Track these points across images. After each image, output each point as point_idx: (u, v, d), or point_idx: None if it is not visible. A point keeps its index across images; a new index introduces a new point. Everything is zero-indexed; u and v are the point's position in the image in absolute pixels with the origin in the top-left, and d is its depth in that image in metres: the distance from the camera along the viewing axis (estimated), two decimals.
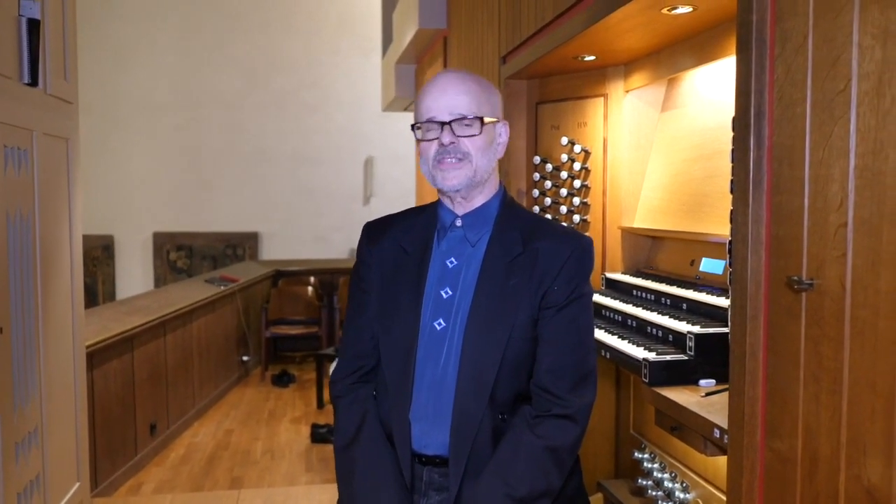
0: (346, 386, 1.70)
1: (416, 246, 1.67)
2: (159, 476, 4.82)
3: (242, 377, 7.37)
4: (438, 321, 1.61)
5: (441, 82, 1.63)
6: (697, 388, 1.93)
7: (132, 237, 10.46)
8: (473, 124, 1.59)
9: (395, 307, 1.64)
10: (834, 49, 1.22)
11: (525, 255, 1.59)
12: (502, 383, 1.57)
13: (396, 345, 1.62)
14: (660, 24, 2.25)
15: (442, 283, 1.63)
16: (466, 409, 1.56)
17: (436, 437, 1.59)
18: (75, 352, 3.43)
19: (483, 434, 1.56)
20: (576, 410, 1.55)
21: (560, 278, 1.57)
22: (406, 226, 1.71)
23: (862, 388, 1.17)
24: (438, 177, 1.61)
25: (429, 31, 4.66)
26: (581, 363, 1.58)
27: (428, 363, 1.60)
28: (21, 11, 2.82)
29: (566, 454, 1.56)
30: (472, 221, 1.65)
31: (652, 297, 2.53)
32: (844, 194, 1.20)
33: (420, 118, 1.62)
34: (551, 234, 1.63)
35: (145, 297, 6.25)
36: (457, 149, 1.59)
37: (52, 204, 3.14)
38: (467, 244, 1.65)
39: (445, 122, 1.58)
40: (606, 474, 3.19)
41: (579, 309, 1.59)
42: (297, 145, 10.37)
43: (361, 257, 1.73)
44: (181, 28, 10.14)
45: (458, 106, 1.58)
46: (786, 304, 1.35)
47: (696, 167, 2.53)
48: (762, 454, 1.43)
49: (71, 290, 3.37)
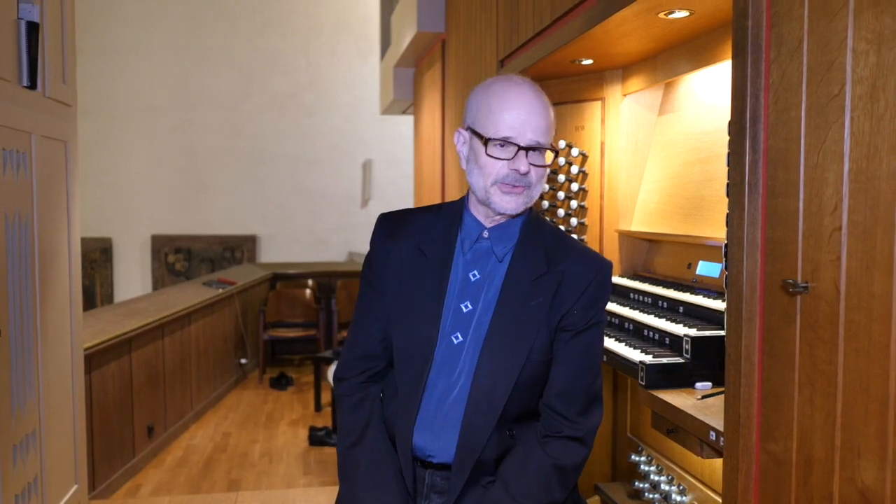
0: (353, 385, 1.68)
1: (437, 252, 1.62)
2: (157, 478, 4.82)
3: (240, 380, 7.36)
4: (456, 335, 1.59)
5: (527, 100, 1.55)
6: (694, 390, 1.94)
7: (130, 240, 10.46)
8: (545, 155, 1.56)
9: (415, 314, 1.60)
10: (829, 54, 1.23)
11: (549, 276, 1.57)
12: (514, 401, 1.57)
13: (413, 354, 1.60)
14: (657, 29, 2.26)
15: (463, 296, 1.60)
16: (476, 424, 1.56)
17: (441, 447, 1.60)
18: (73, 354, 3.43)
19: (489, 448, 1.57)
20: (585, 433, 1.56)
21: (581, 303, 1.56)
22: (425, 225, 1.65)
23: (856, 392, 1.18)
24: (497, 199, 1.55)
25: (427, 34, 4.67)
26: (591, 386, 1.58)
27: (441, 375, 1.59)
28: (20, 14, 2.82)
29: (572, 473, 1.58)
30: (500, 235, 1.61)
31: (649, 301, 2.54)
32: (839, 198, 1.20)
33: (496, 131, 1.53)
34: (576, 257, 1.60)
35: (143, 300, 6.25)
36: (527, 179, 1.54)
37: (51, 207, 3.15)
38: (493, 258, 1.61)
39: (523, 146, 1.52)
40: (604, 477, 3.19)
41: (595, 334, 1.59)
42: (295, 148, 10.38)
43: (376, 251, 1.67)
44: (179, 30, 10.15)
45: (538, 132, 1.53)
46: (781, 307, 1.36)
47: (693, 171, 2.54)
48: (758, 456, 1.44)
49: (69, 292, 3.38)
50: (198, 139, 10.30)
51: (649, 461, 2.75)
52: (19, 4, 2.83)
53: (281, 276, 8.46)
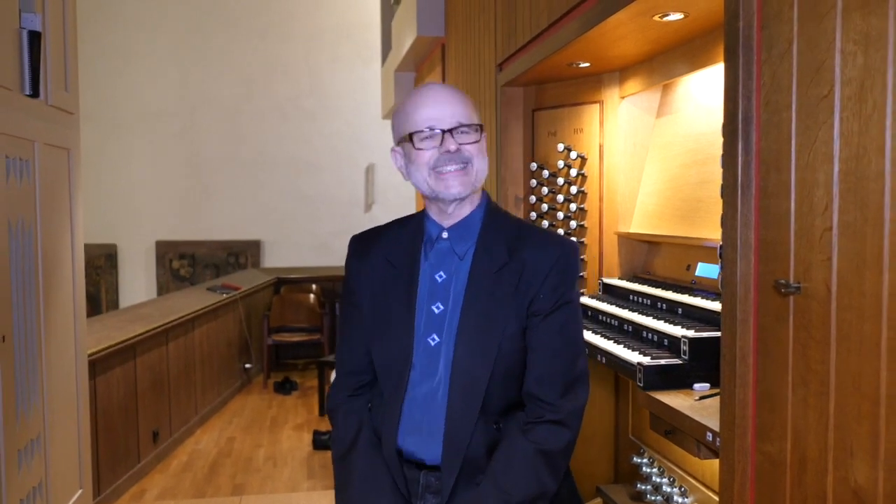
0: (341, 398, 1.73)
1: (404, 260, 1.67)
2: (162, 483, 4.83)
3: (245, 384, 7.38)
4: (432, 336, 1.62)
5: (435, 93, 1.64)
6: (692, 391, 1.94)
7: (135, 246, 10.49)
8: (472, 132, 1.61)
9: (389, 323, 1.64)
10: (818, 55, 1.24)
11: (511, 265, 1.60)
12: (494, 394, 1.58)
13: (391, 361, 1.63)
14: (652, 31, 2.27)
15: (433, 298, 1.64)
16: (458, 421, 1.57)
17: (430, 448, 1.61)
18: (77, 360, 3.45)
19: (476, 443, 1.58)
20: (566, 415, 1.57)
21: (545, 286, 1.58)
22: (392, 238, 1.72)
23: (848, 391, 1.18)
24: (440, 186, 1.60)
25: (427, 38, 4.69)
26: (570, 368, 1.59)
27: (424, 378, 1.62)
28: (22, 24, 2.85)
29: (559, 458, 1.58)
30: (459, 233, 1.65)
31: (648, 302, 2.54)
32: (829, 198, 1.21)
33: (416, 125, 1.61)
34: (536, 242, 1.63)
35: (147, 306, 6.27)
36: (460, 155, 1.59)
37: (54, 213, 3.17)
38: (455, 257, 1.65)
39: (446, 129, 1.59)
40: (606, 479, 3.20)
41: (566, 315, 1.60)
42: (298, 153, 10.40)
43: (350, 272, 1.74)
44: (181, 36, 10.18)
45: (457, 113, 1.60)
46: (774, 307, 1.36)
47: (691, 172, 2.54)
48: (753, 457, 1.44)
49: (73, 298, 3.40)
50: (200, 144, 10.34)
51: (651, 463, 2.76)
52: (21, 14, 2.86)
53: (285, 280, 8.48)
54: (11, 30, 2.75)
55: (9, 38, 2.73)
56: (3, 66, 2.66)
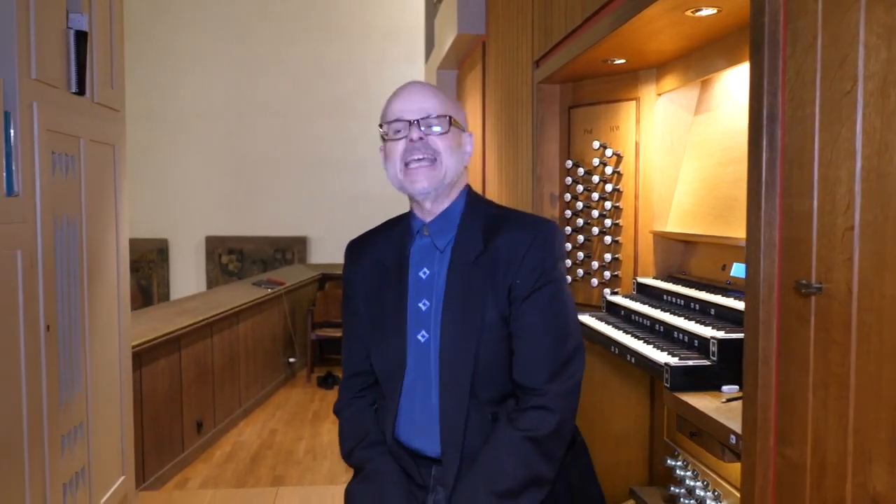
0: (347, 399, 1.76)
1: (394, 260, 1.68)
2: (205, 473, 4.94)
3: (289, 378, 7.49)
4: (422, 333, 1.63)
5: (408, 87, 1.66)
6: (720, 393, 1.91)
7: (186, 241, 10.72)
8: (442, 123, 1.60)
9: (383, 324, 1.66)
10: (841, 49, 1.20)
11: (487, 253, 1.59)
12: (483, 384, 1.58)
13: (387, 361, 1.65)
14: (686, 26, 2.23)
15: (419, 295, 1.64)
16: (450, 415, 1.58)
17: (433, 443, 1.63)
18: (121, 351, 3.54)
19: (473, 434, 1.58)
20: (552, 399, 1.54)
21: (523, 269, 1.56)
22: (383, 239, 1.73)
23: (867, 395, 1.15)
24: (407, 181, 1.60)
25: (468, 36, 4.69)
26: (558, 350, 1.56)
27: (419, 375, 1.63)
28: (69, 24, 2.94)
29: (549, 442, 1.54)
30: (439, 227, 1.65)
31: (682, 303, 2.50)
32: (851, 197, 1.18)
33: (387, 119, 1.63)
34: (512, 226, 1.61)
35: (194, 299, 6.41)
36: (426, 145, 1.59)
37: (99, 208, 3.26)
38: (436, 251, 1.65)
39: (412, 119, 1.59)
40: (640, 481, 3.16)
41: (549, 294, 1.56)
42: (344, 151, 10.50)
43: (347, 279, 1.76)
44: (234, 37, 10.38)
45: (426, 107, 1.60)
46: (796, 308, 1.33)
47: (727, 170, 2.49)
48: (774, 461, 1.41)
49: (117, 291, 3.49)
50: (250, 143, 10.52)
51: (685, 466, 2.71)
52: (69, 14, 2.95)
53: (329, 276, 8.57)
54: (59, 30, 2.84)
55: (56, 38, 2.81)
56: (50, 65, 2.74)
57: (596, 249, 3.10)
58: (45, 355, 2.68)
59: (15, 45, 2.49)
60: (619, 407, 3.15)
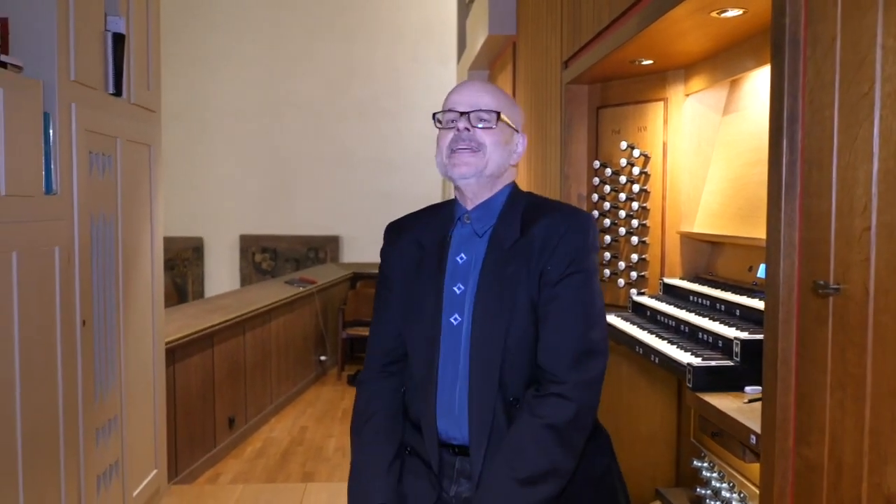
0: (374, 370, 1.78)
1: (434, 243, 1.71)
2: (236, 468, 5.02)
3: (319, 376, 7.56)
4: (455, 317, 1.66)
5: (466, 83, 1.74)
6: (743, 394, 1.91)
7: (220, 239, 10.89)
8: (490, 117, 1.65)
9: (419, 305, 1.69)
10: (860, 51, 1.20)
11: (523, 240, 1.62)
12: (510, 370, 1.60)
13: (421, 341, 1.68)
14: (713, 27, 2.23)
15: (454, 279, 1.68)
16: (480, 398, 1.60)
17: (460, 428, 1.64)
18: (155, 347, 3.63)
19: (500, 421, 1.60)
20: (571, 387, 1.54)
21: (556, 256, 1.58)
22: (424, 223, 1.77)
23: (883, 396, 1.15)
24: (451, 168, 1.66)
25: (499, 37, 4.71)
26: (581, 339, 1.57)
27: (449, 358, 1.65)
28: (107, 27, 3.02)
29: (571, 431, 1.55)
30: (481, 215, 1.69)
31: (707, 303, 2.50)
32: (868, 198, 1.18)
33: (442, 110, 1.71)
34: (549, 213, 1.65)
35: (227, 297, 6.51)
36: (471, 137, 1.64)
37: (135, 206, 3.34)
38: (476, 238, 1.69)
39: (463, 111, 1.66)
40: (666, 482, 3.15)
41: (577, 284, 1.58)
42: (377, 151, 10.58)
43: (384, 257, 1.80)
44: (268, 37, 10.51)
45: (478, 102, 1.66)
46: (814, 308, 1.33)
47: (755, 171, 2.48)
48: (793, 461, 1.42)
49: (151, 288, 3.57)
50: (283, 143, 10.64)
51: (711, 467, 2.70)
52: (107, 17, 3.03)
53: (361, 275, 8.64)
54: (97, 32, 2.92)
55: (95, 40, 2.90)
56: (88, 67, 2.82)
57: (623, 250, 3.11)
58: (80, 350, 2.76)
59: (55, 48, 2.57)
60: (646, 408, 3.15)
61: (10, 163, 2.26)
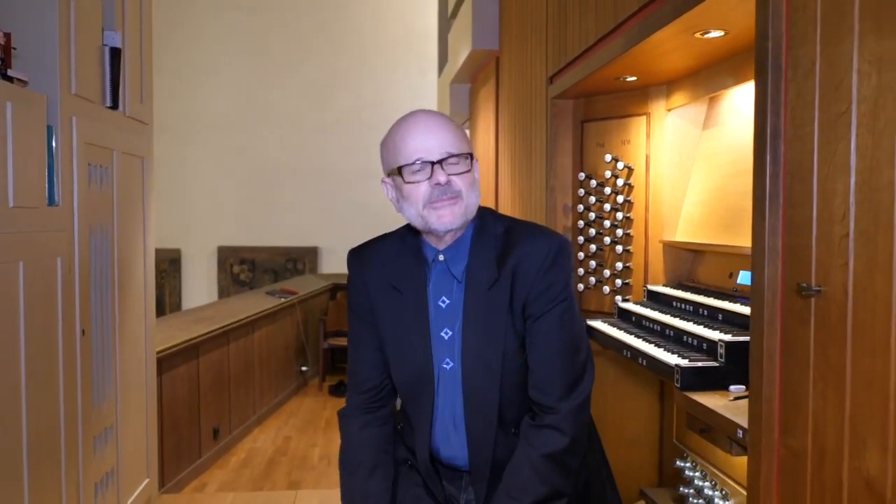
0: (357, 406, 1.77)
1: (410, 287, 1.68)
2: (221, 478, 5.05)
3: (301, 386, 7.60)
4: (447, 361, 1.69)
5: (423, 122, 1.62)
6: (727, 392, 2.02)
7: (198, 251, 10.88)
8: (462, 162, 1.59)
9: (407, 350, 1.68)
10: (837, 74, 1.32)
11: (501, 280, 1.61)
12: (509, 407, 1.67)
13: (414, 386, 1.70)
14: (695, 48, 2.36)
15: (440, 324, 1.68)
16: (478, 438, 1.68)
17: (461, 456, 1.73)
18: (147, 356, 3.67)
19: (501, 452, 1.68)
20: (563, 417, 1.61)
21: (535, 290, 1.60)
22: (392, 257, 1.71)
23: (862, 387, 1.27)
24: (432, 217, 1.58)
25: (482, 51, 4.82)
26: (570, 366, 1.63)
27: (446, 401, 1.71)
28: (104, 41, 3.08)
29: (567, 457, 1.64)
30: (454, 254, 1.67)
31: (690, 308, 2.62)
32: (846, 207, 1.30)
33: (406, 158, 1.58)
34: (523, 243, 1.62)
35: (210, 308, 6.54)
36: (450, 189, 1.57)
37: (129, 218, 3.40)
38: (454, 280, 1.67)
39: (435, 161, 1.57)
40: (650, 483, 3.26)
41: (561, 312, 1.62)
42: (357, 163, 10.65)
43: (354, 285, 1.75)
44: (247, 50, 10.56)
45: (445, 143, 1.58)
46: (798, 309, 1.45)
47: (734, 183, 2.61)
48: (778, 451, 1.53)
49: (144, 298, 3.62)
50: (263, 155, 10.68)
51: (694, 467, 2.82)
52: (104, 31, 3.10)
53: (341, 286, 8.70)
54: (95, 47, 2.99)
55: (93, 55, 2.96)
56: (88, 81, 2.89)
57: (608, 258, 3.22)
58: (80, 359, 2.80)
59: (57, 62, 2.63)
60: (630, 411, 3.26)
61: (18, 175, 2.32)
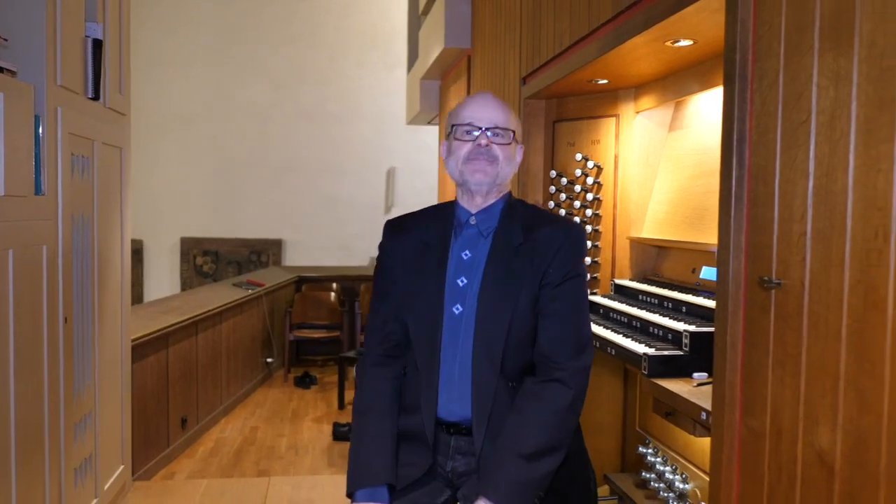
0: (375, 357, 1.95)
1: (436, 240, 1.91)
2: (190, 467, 5.09)
3: (266, 378, 7.64)
4: (456, 306, 1.86)
5: (484, 98, 1.92)
6: (691, 379, 2.17)
7: (160, 242, 10.81)
8: (506, 135, 1.87)
9: (422, 294, 1.88)
10: (798, 86, 1.46)
11: (526, 244, 1.85)
12: (510, 355, 1.82)
13: (424, 327, 1.87)
14: (665, 54, 2.50)
15: (458, 273, 1.88)
16: (482, 378, 1.81)
17: (459, 406, 1.85)
18: (123, 344, 3.71)
19: (499, 401, 1.82)
20: (570, 374, 1.79)
21: (556, 261, 1.82)
22: (425, 222, 1.96)
23: (815, 371, 1.41)
24: (467, 172, 1.86)
25: (454, 50, 4.93)
26: (577, 333, 1.82)
27: (450, 343, 1.85)
28: (87, 33, 3.12)
29: (568, 414, 1.79)
30: (484, 217, 1.90)
31: (656, 301, 2.76)
32: (805, 208, 1.44)
33: (460, 120, 1.89)
34: (547, 224, 1.88)
35: (177, 299, 6.54)
36: (489, 151, 1.85)
37: (108, 207, 3.43)
38: (481, 239, 1.90)
39: (483, 127, 1.86)
40: (613, 468, 3.41)
41: (574, 286, 1.83)
42: (322, 155, 10.69)
43: (385, 250, 1.97)
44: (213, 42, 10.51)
45: (496, 119, 1.87)
46: (759, 301, 1.59)
47: (698, 183, 2.76)
48: (739, 431, 1.67)
49: (121, 287, 3.66)
50: (228, 147, 10.65)
51: (656, 453, 2.97)
52: (86, 23, 3.13)
53: (306, 279, 8.74)
54: (78, 38, 3.02)
55: (76, 47, 2.99)
56: (71, 72, 2.92)
57: None
58: (62, 346, 2.85)
59: (44, 54, 2.66)
60: (594, 400, 3.40)
61: (9, 164, 2.36)
